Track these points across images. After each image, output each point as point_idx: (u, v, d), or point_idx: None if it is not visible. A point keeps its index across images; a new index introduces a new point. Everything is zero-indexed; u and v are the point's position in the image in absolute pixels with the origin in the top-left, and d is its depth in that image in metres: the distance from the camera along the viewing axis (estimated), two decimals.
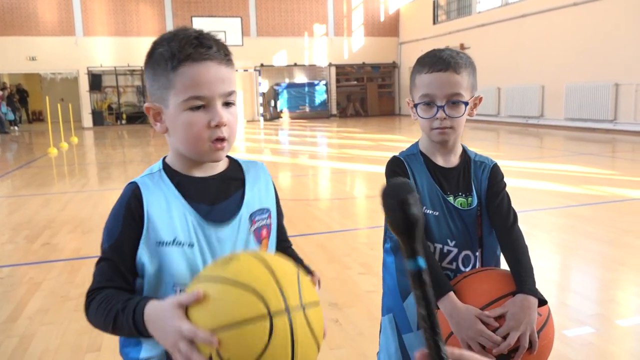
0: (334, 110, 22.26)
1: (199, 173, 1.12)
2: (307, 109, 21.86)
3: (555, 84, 13.78)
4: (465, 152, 1.47)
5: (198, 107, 1.03)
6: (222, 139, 1.05)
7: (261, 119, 20.97)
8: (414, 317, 1.39)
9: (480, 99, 1.43)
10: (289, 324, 0.85)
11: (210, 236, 1.07)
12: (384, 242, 1.49)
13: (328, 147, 11.99)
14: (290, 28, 21.36)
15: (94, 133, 17.38)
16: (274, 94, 21.62)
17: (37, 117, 25.76)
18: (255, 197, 1.16)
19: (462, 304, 1.22)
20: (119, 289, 1.02)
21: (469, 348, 1.17)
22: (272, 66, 21.30)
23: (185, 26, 1.10)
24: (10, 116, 19.25)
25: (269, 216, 1.17)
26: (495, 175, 1.45)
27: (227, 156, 1.16)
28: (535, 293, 1.23)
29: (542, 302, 1.24)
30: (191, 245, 1.05)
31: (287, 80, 21.79)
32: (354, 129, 16.29)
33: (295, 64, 21.56)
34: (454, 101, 1.34)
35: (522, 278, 1.26)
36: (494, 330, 1.17)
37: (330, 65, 21.89)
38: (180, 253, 1.04)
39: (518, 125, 15.00)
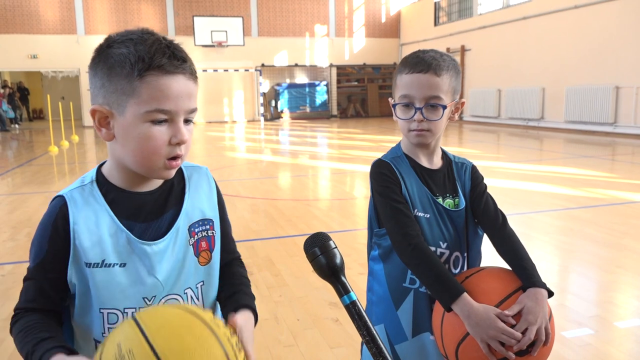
0: (335, 111, 22.28)
1: (139, 188, 1.04)
2: (308, 110, 21.87)
3: (556, 86, 13.80)
4: (445, 154, 1.47)
5: (160, 121, 0.96)
6: (178, 157, 0.99)
7: (262, 119, 20.98)
8: (409, 324, 1.37)
9: (463, 104, 1.41)
10: None
11: (144, 252, 1.00)
12: (370, 249, 1.45)
13: (328, 148, 12.01)
14: (291, 28, 21.38)
15: (94, 132, 17.39)
16: (275, 94, 21.64)
17: (38, 115, 25.77)
18: (195, 207, 1.09)
19: (479, 304, 1.19)
20: (43, 310, 0.98)
21: (489, 348, 1.17)
22: (273, 66, 21.32)
23: (146, 28, 0.99)
24: (11, 114, 19.26)
25: (211, 227, 1.10)
26: (476, 176, 1.45)
27: None
28: (545, 285, 1.23)
29: (550, 293, 1.24)
30: (123, 265, 0.99)
31: (288, 81, 21.81)
32: (355, 129, 16.30)
33: (296, 65, 21.58)
34: (432, 104, 1.32)
35: (528, 272, 1.25)
36: (512, 327, 1.17)
37: (331, 65, 21.91)
38: (110, 274, 0.98)
39: (518, 128, 15.02)
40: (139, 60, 0.93)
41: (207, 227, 1.10)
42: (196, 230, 1.08)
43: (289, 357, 2.47)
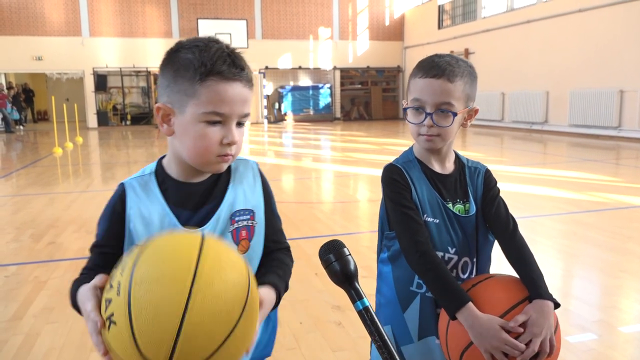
0: (338, 114, 22.29)
1: (191, 179, 1.14)
2: (311, 112, 21.89)
3: (560, 90, 13.78)
4: (458, 158, 1.46)
5: (215, 122, 1.05)
6: (229, 155, 1.09)
7: (265, 121, 21.01)
8: (415, 327, 1.38)
9: (476, 111, 1.40)
10: None
11: None
12: (380, 251, 1.46)
13: (331, 151, 12.01)
14: (295, 31, 21.41)
15: (98, 133, 17.45)
16: (278, 97, 21.67)
17: (43, 117, 25.87)
18: (239, 196, 1.16)
19: (483, 314, 1.19)
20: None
21: (492, 358, 1.16)
22: (276, 69, 21.35)
23: (213, 37, 1.10)
24: (16, 115, 19.34)
25: (252, 217, 1.17)
26: (489, 181, 1.43)
27: None
28: (551, 297, 1.23)
29: (557, 305, 1.24)
30: None
31: (291, 83, 21.84)
32: (358, 132, 16.31)
33: (300, 67, 21.61)
34: (443, 110, 1.31)
35: (536, 283, 1.24)
36: (516, 338, 1.16)
37: (334, 68, 21.93)
38: None
39: (522, 131, 14.99)
40: (202, 65, 1.03)
41: (248, 217, 1.16)
42: (237, 219, 1.15)
43: (291, 359, 2.47)
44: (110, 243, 1.11)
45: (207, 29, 19.72)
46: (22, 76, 23.35)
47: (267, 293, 1.06)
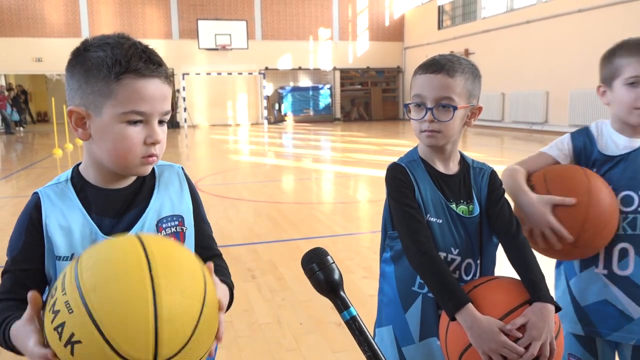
0: (338, 114, 22.29)
1: (112, 185, 1.09)
2: (311, 113, 21.89)
3: (560, 90, 13.78)
4: (463, 158, 1.45)
5: (135, 122, 1.00)
6: (153, 155, 1.04)
7: (265, 122, 21.01)
8: (417, 328, 1.37)
9: (480, 109, 1.40)
10: None
11: None
12: (383, 251, 1.46)
13: (332, 151, 12.01)
14: (295, 32, 21.42)
15: None
16: (278, 98, 21.67)
17: (43, 118, 25.87)
18: (165, 203, 1.12)
19: (482, 315, 1.19)
20: (20, 300, 0.97)
21: None
22: (276, 69, 21.35)
23: (122, 33, 1.04)
24: (16, 117, 19.34)
25: (180, 223, 1.13)
26: (494, 182, 1.43)
27: None
28: (552, 300, 1.22)
29: (557, 308, 1.23)
30: None
31: (291, 84, 21.84)
32: (358, 133, 16.31)
33: (300, 68, 21.62)
34: (443, 104, 1.31)
35: (536, 285, 1.24)
36: (516, 341, 1.16)
37: (334, 69, 21.94)
38: None
39: (522, 131, 14.99)
40: (116, 63, 0.97)
41: (176, 222, 1.13)
42: (164, 225, 1.11)
43: None
44: (29, 256, 1.02)
45: (207, 29, 19.73)
46: (22, 77, 23.37)
47: (220, 282, 1.02)
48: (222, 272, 1.15)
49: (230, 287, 1.09)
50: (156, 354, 0.76)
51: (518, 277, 1.31)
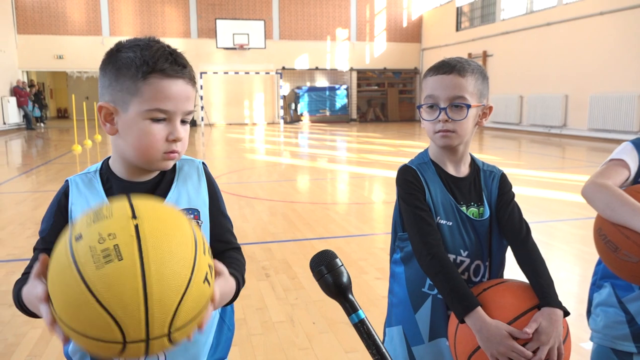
0: (354, 115, 22.28)
1: (136, 178, 1.14)
2: (328, 113, 21.91)
3: (579, 93, 13.61)
4: (473, 161, 1.46)
5: (159, 120, 1.06)
6: (175, 152, 1.09)
7: (281, 121, 21.07)
8: (426, 329, 1.38)
9: (491, 109, 1.41)
10: (145, 347, 0.78)
11: None
12: (393, 252, 1.46)
13: (347, 152, 12.00)
14: (312, 32, 21.45)
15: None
16: (295, 97, 21.72)
17: (63, 115, 26.27)
18: (182, 196, 1.16)
19: (491, 319, 1.19)
20: None
21: None
22: (293, 69, 21.41)
23: (153, 37, 1.10)
24: (37, 113, 19.67)
25: (196, 217, 1.17)
26: (504, 185, 1.43)
27: None
28: (561, 305, 1.22)
29: (566, 313, 1.23)
30: None
31: (308, 84, 21.88)
32: (374, 134, 16.28)
33: (317, 68, 21.64)
34: (456, 104, 1.32)
35: (545, 290, 1.24)
36: (524, 345, 1.16)
37: (351, 69, 21.93)
38: None
39: (540, 135, 14.84)
40: (144, 63, 1.04)
41: (192, 216, 1.16)
42: None
43: (304, 359, 2.48)
44: (55, 236, 1.06)
45: (225, 29, 19.86)
46: (44, 74, 23.75)
47: (226, 272, 1.01)
48: (236, 265, 1.17)
49: (238, 281, 1.10)
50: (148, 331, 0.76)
51: (526, 281, 1.31)
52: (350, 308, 0.94)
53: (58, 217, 1.12)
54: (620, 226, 1.30)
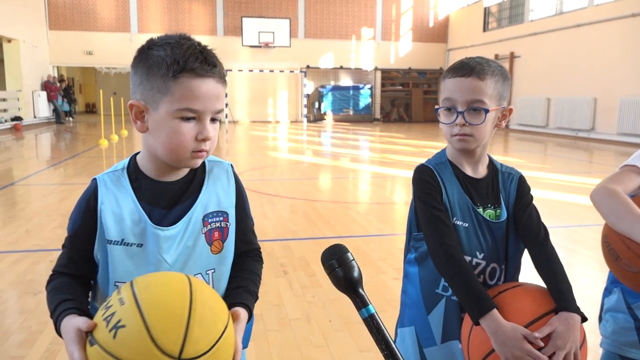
0: (378, 115, 22.20)
1: (165, 177, 1.14)
2: (351, 112, 21.88)
3: (609, 96, 13.32)
4: (492, 162, 1.43)
5: (189, 118, 1.05)
6: (203, 151, 1.09)
7: (304, 120, 21.13)
8: (439, 330, 1.37)
9: (511, 111, 1.38)
10: None
11: (156, 235, 1.10)
12: (407, 252, 1.45)
13: (370, 151, 11.97)
14: (337, 31, 21.45)
15: None
16: (319, 96, 21.75)
17: (91, 110, 26.81)
18: (212, 199, 1.16)
19: (507, 322, 1.17)
20: (73, 275, 1.11)
21: None
22: (318, 68, 21.44)
23: (184, 34, 1.09)
24: (66, 107, 20.11)
25: (225, 219, 1.17)
26: (522, 187, 1.41)
27: None
28: (579, 310, 1.20)
29: (584, 319, 1.21)
30: (140, 245, 1.10)
31: (332, 83, 21.88)
32: (397, 134, 16.20)
33: (341, 67, 21.63)
34: (474, 108, 1.29)
35: (563, 295, 1.22)
36: (540, 349, 1.14)
37: (376, 69, 21.86)
38: (127, 252, 1.09)
39: (567, 138, 14.57)
40: (174, 62, 1.03)
41: (221, 218, 1.17)
42: (210, 220, 1.15)
43: (319, 357, 2.50)
44: (83, 237, 1.11)
45: (251, 27, 19.99)
46: (73, 70, 24.27)
47: (243, 313, 1.09)
48: (252, 282, 1.20)
49: (250, 307, 1.14)
50: (182, 349, 0.84)
51: (544, 285, 1.29)
52: (360, 302, 0.94)
53: (86, 218, 1.11)
54: (622, 236, 1.28)
